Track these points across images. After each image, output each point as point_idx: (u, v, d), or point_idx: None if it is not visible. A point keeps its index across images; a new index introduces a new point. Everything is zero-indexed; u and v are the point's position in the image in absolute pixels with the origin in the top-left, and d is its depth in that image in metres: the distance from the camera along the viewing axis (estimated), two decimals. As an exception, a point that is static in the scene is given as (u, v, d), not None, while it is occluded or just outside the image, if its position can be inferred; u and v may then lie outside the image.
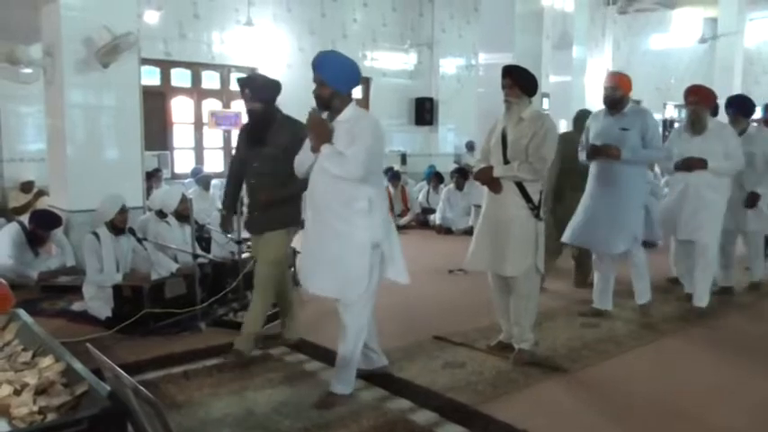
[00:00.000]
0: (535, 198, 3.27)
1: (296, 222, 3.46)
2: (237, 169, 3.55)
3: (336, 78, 2.76)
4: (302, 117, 2.93)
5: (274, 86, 3.35)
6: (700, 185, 4.22)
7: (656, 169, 7.38)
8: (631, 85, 4.12)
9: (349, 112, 2.79)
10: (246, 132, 3.46)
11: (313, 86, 2.79)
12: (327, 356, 3.34)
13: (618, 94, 4.03)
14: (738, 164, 4.26)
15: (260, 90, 3.28)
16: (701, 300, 4.30)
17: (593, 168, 4.15)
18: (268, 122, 3.31)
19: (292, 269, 4.29)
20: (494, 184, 3.30)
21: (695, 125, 4.24)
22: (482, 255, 3.38)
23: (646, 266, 4.18)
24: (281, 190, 3.32)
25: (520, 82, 3.29)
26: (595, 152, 4.02)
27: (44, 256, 5.03)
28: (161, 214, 4.86)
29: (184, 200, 4.71)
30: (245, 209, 3.78)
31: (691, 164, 4.22)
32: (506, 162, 3.27)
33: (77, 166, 5.17)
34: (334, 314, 2.95)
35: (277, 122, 3.30)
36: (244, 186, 3.58)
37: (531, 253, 3.27)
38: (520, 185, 3.25)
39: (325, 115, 2.80)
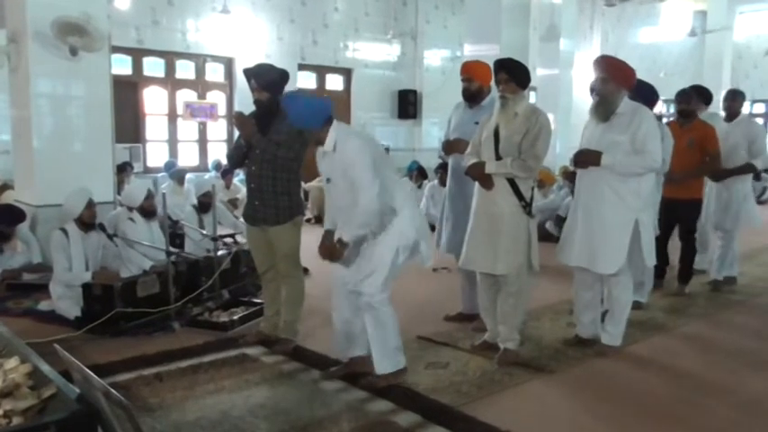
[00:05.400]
0: (527, 195, 3.20)
1: (300, 212, 3.52)
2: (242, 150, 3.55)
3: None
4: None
5: (280, 76, 3.41)
6: (598, 190, 3.25)
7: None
8: (490, 75, 3.55)
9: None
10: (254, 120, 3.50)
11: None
12: (310, 359, 3.33)
13: (473, 87, 3.69)
14: (650, 161, 3.21)
15: (265, 80, 3.35)
16: (615, 339, 3.46)
17: (451, 163, 3.85)
18: (274, 112, 3.38)
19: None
20: (485, 180, 3.23)
21: (599, 108, 3.32)
22: (477, 254, 3.30)
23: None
24: (282, 177, 3.39)
25: (516, 76, 3.19)
26: (448, 148, 3.78)
27: (9, 252, 4.87)
28: (131, 209, 4.73)
29: (150, 195, 4.63)
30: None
31: (581, 159, 3.32)
32: (498, 158, 3.19)
33: (44, 159, 5.01)
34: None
35: (282, 112, 3.32)
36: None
37: (522, 250, 3.21)
38: (512, 182, 3.18)
39: None
